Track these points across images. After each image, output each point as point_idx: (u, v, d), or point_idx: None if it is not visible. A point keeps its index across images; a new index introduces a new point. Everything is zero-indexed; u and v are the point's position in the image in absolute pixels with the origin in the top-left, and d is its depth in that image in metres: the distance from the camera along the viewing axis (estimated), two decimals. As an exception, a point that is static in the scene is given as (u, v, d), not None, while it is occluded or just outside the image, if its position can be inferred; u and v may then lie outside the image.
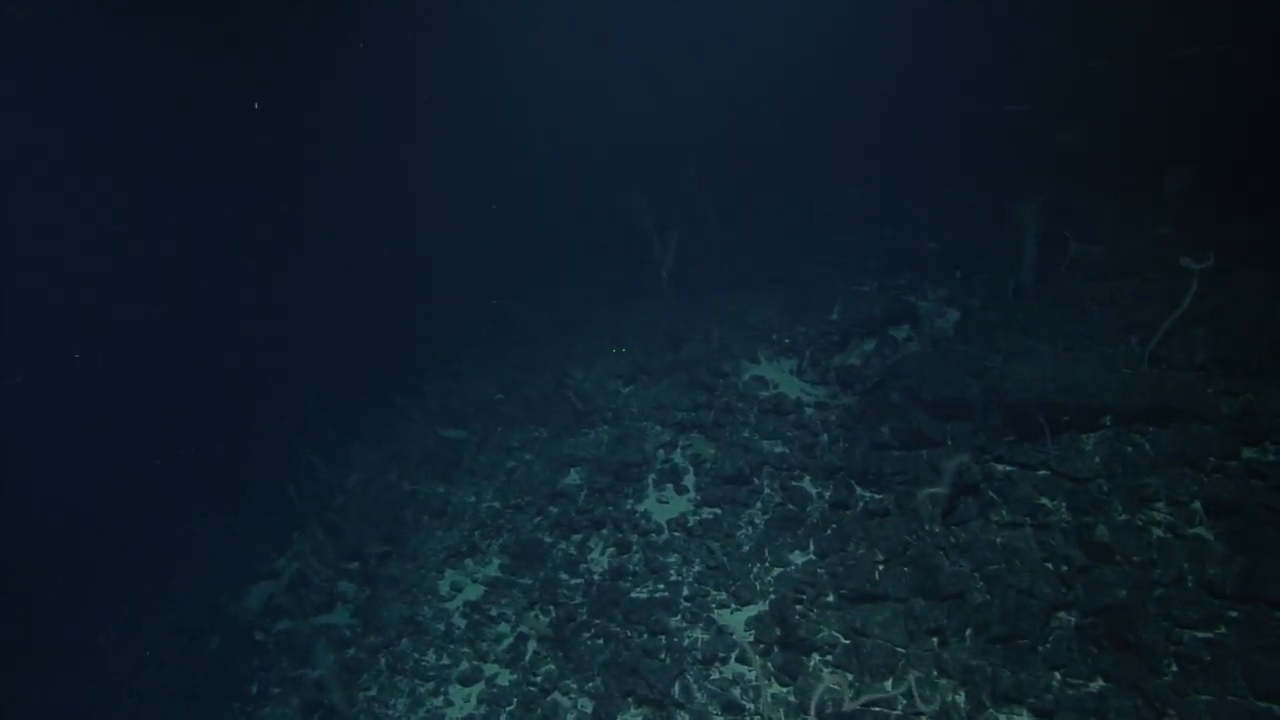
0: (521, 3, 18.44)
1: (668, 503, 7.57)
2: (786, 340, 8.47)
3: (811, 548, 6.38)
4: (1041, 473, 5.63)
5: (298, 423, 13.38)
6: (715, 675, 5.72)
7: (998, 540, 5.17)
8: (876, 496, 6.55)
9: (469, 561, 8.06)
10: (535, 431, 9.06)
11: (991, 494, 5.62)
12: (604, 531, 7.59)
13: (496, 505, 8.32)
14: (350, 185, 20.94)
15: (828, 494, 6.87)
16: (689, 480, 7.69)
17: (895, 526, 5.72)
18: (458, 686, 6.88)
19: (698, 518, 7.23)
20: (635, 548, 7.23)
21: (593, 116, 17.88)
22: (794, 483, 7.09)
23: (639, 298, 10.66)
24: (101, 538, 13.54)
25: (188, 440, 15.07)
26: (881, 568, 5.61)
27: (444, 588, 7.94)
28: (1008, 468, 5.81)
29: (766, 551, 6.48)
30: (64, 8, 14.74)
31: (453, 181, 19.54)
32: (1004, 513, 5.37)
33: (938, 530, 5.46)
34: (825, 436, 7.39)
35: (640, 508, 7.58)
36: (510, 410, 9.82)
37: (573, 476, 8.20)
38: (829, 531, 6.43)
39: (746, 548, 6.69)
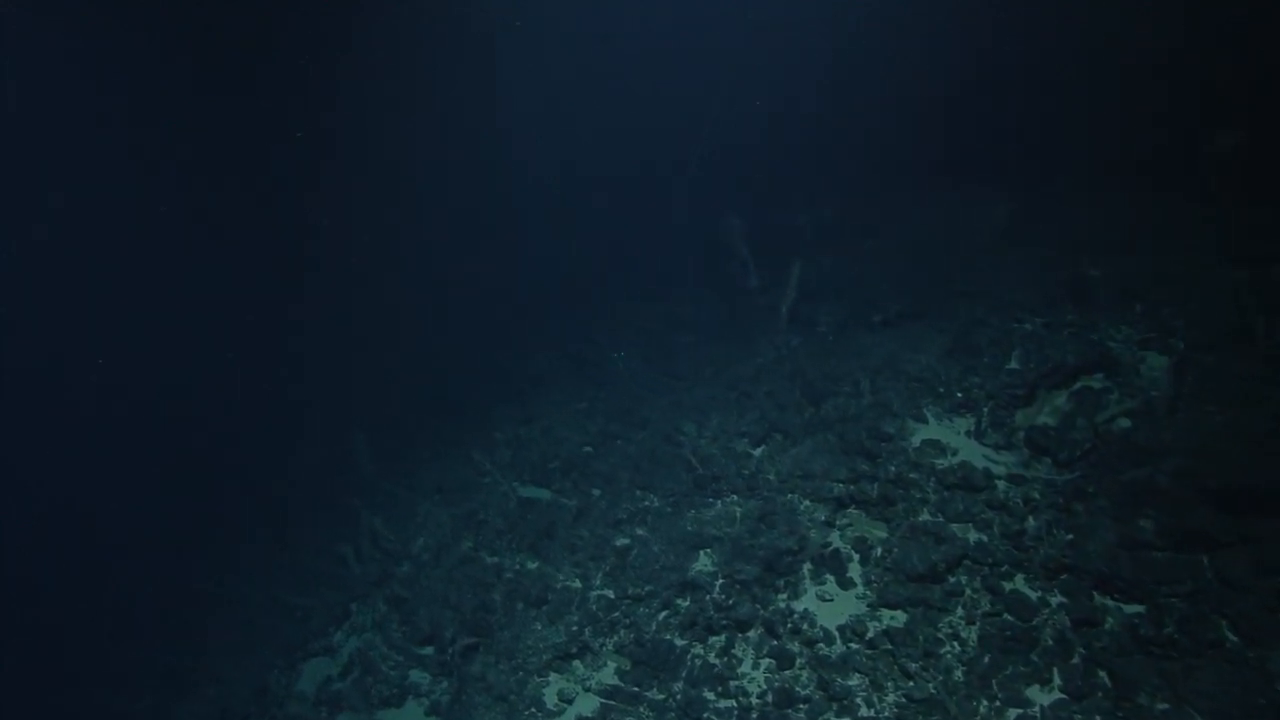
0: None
1: (832, 600, 6.13)
2: (958, 394, 7.03)
3: (1057, 681, 4.91)
4: None
5: (348, 471, 12.13)
6: None
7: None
8: (1130, 610, 5.08)
9: (578, 664, 6.65)
10: (645, 499, 7.66)
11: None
12: (752, 635, 6.17)
13: (609, 594, 6.91)
14: (396, 204, 19.92)
15: (1054, 600, 5.42)
16: (854, 571, 6.25)
17: (1217, 674, 4.25)
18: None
19: (878, 624, 5.79)
20: (800, 661, 5.80)
21: (665, 126, 16.71)
22: (1004, 583, 5.64)
23: (750, 334, 9.27)
24: (132, 596, 12.31)
25: (223, 487, 13.90)
26: (1200, 735, 4.14)
27: (549, 697, 6.53)
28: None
29: (994, 683, 5.02)
30: (67, 11, 13.84)
31: (510, 198, 18.42)
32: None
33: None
34: (1033, 522, 5.93)
35: (798, 606, 6.15)
36: (605, 469, 8.44)
37: (703, 561, 6.78)
38: (1076, 659, 4.96)
39: (959, 673, 5.23)
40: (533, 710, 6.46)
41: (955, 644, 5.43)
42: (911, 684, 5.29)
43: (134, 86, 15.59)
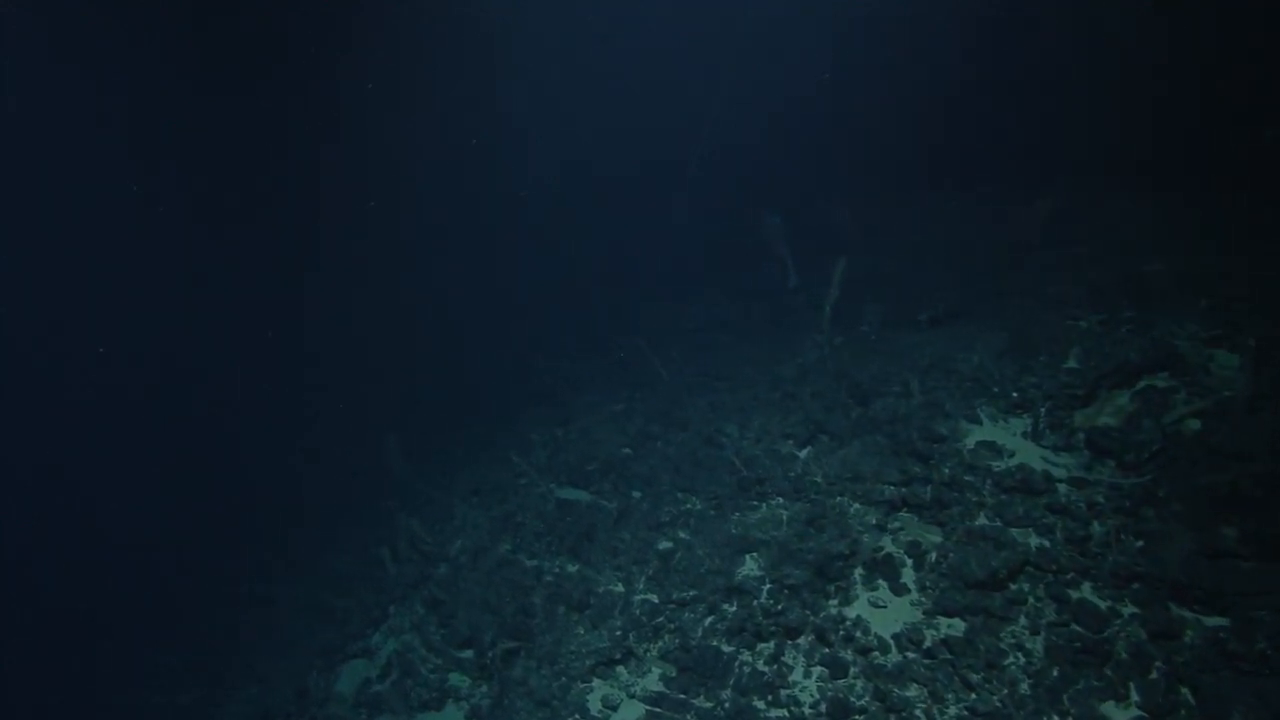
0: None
1: (885, 607, 5.93)
2: (1014, 394, 6.78)
3: (1135, 698, 4.66)
4: None
5: (381, 473, 12.17)
6: None
7: None
8: (1212, 622, 4.81)
9: (622, 670, 6.52)
10: (687, 502, 7.51)
11: None
12: (802, 642, 5.98)
13: (653, 598, 6.78)
14: (422, 202, 19.97)
15: (1126, 611, 5.15)
16: (908, 577, 6.04)
17: (1316, 694, 3.98)
18: None
19: (935, 633, 5.57)
20: (854, 670, 5.60)
21: (670, 126, 16.60)
22: (1070, 592, 5.39)
23: (791, 334, 9.08)
24: (172, 596, 12.49)
25: (256, 489, 14.02)
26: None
27: (593, 704, 6.42)
28: None
29: (1065, 698, 4.78)
30: (67, 11, 13.73)
31: (539, 194, 18.38)
32: None
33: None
34: (1099, 527, 5.67)
35: (849, 613, 5.96)
36: (645, 470, 8.31)
37: (749, 565, 6.62)
38: (1155, 674, 4.71)
39: (1025, 686, 5.00)
40: (576, 717, 6.34)
41: (1020, 655, 5.19)
42: (974, 697, 5.07)
43: (134, 86, 15.48)
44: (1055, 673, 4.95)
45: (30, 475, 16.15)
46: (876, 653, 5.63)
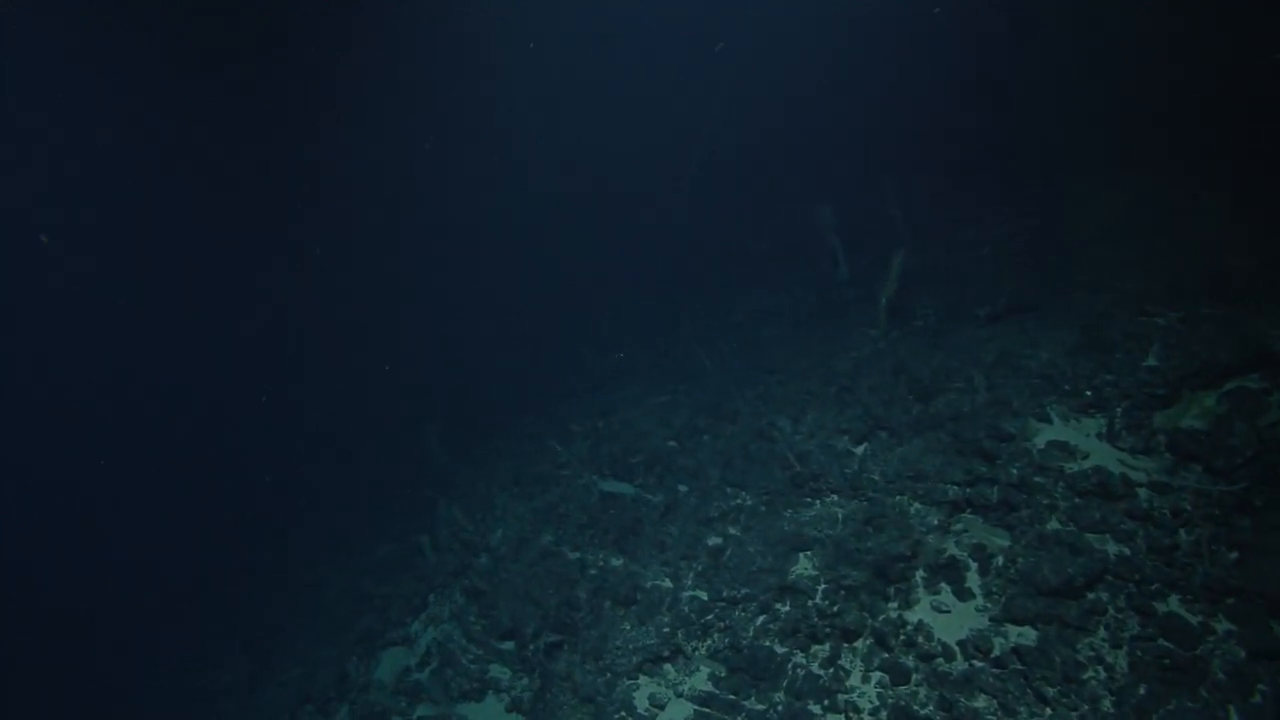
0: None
1: (949, 612, 5.64)
2: (1087, 393, 6.41)
3: (1233, 720, 4.33)
4: None
5: (421, 461, 12.19)
6: None
7: None
8: (1318, 641, 4.44)
9: (670, 668, 6.35)
10: (737, 497, 7.29)
11: None
12: (860, 646, 5.74)
13: (702, 595, 6.59)
14: (462, 191, 20.03)
15: (1220, 627, 4.80)
16: (973, 581, 5.74)
17: None
18: None
19: (1005, 641, 5.27)
20: (916, 677, 5.34)
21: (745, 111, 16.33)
22: (1155, 604, 5.04)
23: (843, 327, 8.78)
24: (218, 580, 12.70)
25: (297, 478, 14.17)
26: None
27: (640, 701, 6.26)
28: None
29: (1155, 719, 4.46)
30: (67, 11, 13.73)
31: (583, 184, 18.29)
32: None
33: None
34: (1186, 536, 5.30)
35: (911, 617, 5.69)
36: (692, 464, 8.11)
37: (804, 564, 6.38)
38: (1259, 698, 4.36)
39: (1107, 703, 4.68)
40: (622, 714, 6.19)
41: (1100, 669, 4.87)
42: (1050, 712, 4.77)
43: (134, 86, 15.58)
44: (1142, 690, 4.62)
45: (30, 475, 16.46)
46: (940, 659, 5.36)
